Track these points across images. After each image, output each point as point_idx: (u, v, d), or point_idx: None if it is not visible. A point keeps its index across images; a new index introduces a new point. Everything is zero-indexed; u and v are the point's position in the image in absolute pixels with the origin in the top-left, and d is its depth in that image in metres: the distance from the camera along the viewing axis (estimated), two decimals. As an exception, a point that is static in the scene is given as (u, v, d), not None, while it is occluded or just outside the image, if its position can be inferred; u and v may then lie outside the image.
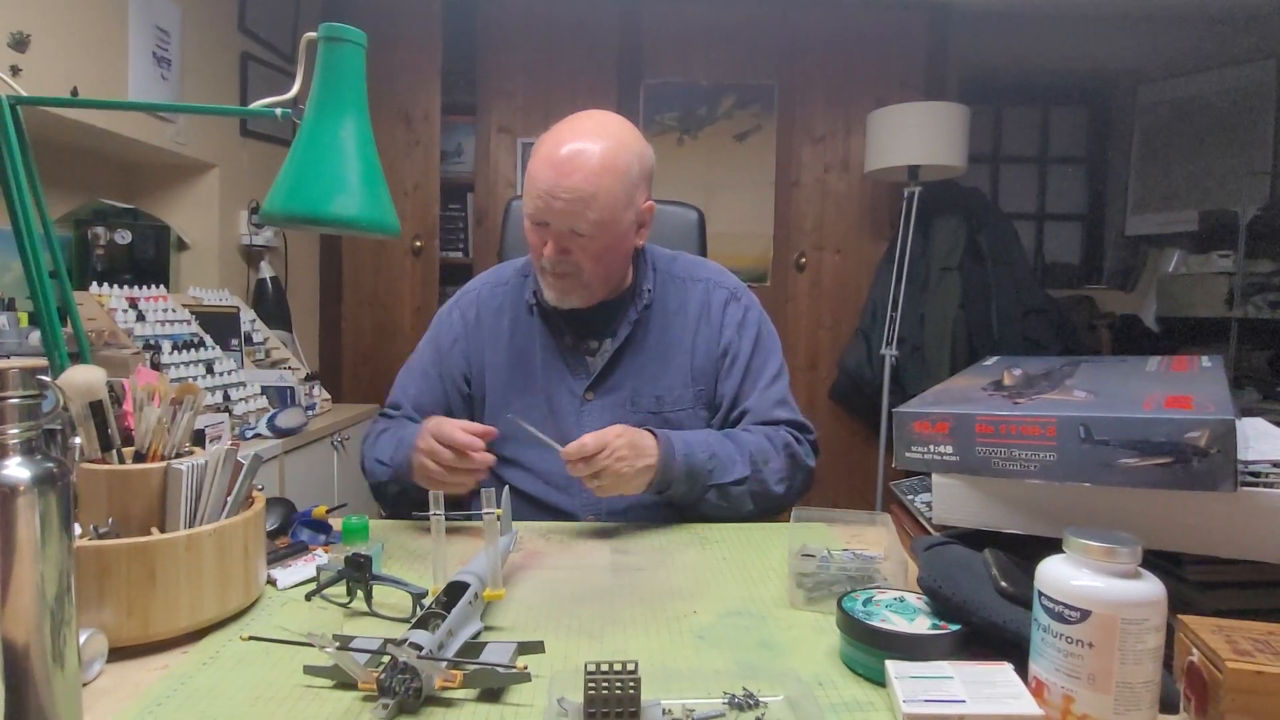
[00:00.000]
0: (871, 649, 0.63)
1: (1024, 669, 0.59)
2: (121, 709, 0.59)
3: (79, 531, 0.70)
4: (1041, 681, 0.56)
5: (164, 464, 0.72)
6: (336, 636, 0.62)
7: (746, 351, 1.24)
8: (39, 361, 0.59)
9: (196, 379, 1.80)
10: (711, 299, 1.27)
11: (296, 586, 0.82)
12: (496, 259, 1.51)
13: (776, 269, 3.11)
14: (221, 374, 1.91)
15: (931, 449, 0.79)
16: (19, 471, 0.48)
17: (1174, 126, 3.63)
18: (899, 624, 0.65)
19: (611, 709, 0.55)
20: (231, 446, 0.74)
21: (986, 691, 0.56)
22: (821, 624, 0.74)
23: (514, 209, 1.67)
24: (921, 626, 0.65)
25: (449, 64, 2.98)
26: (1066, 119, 3.98)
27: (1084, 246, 4.00)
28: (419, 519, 1.09)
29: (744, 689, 0.60)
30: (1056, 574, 0.56)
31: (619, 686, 0.55)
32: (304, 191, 0.81)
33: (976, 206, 3.04)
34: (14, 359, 1.42)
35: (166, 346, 1.80)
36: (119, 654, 0.66)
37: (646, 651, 0.69)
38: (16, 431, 0.49)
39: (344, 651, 0.58)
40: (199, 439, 0.82)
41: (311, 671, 0.62)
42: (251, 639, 0.60)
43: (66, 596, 0.51)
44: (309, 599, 0.77)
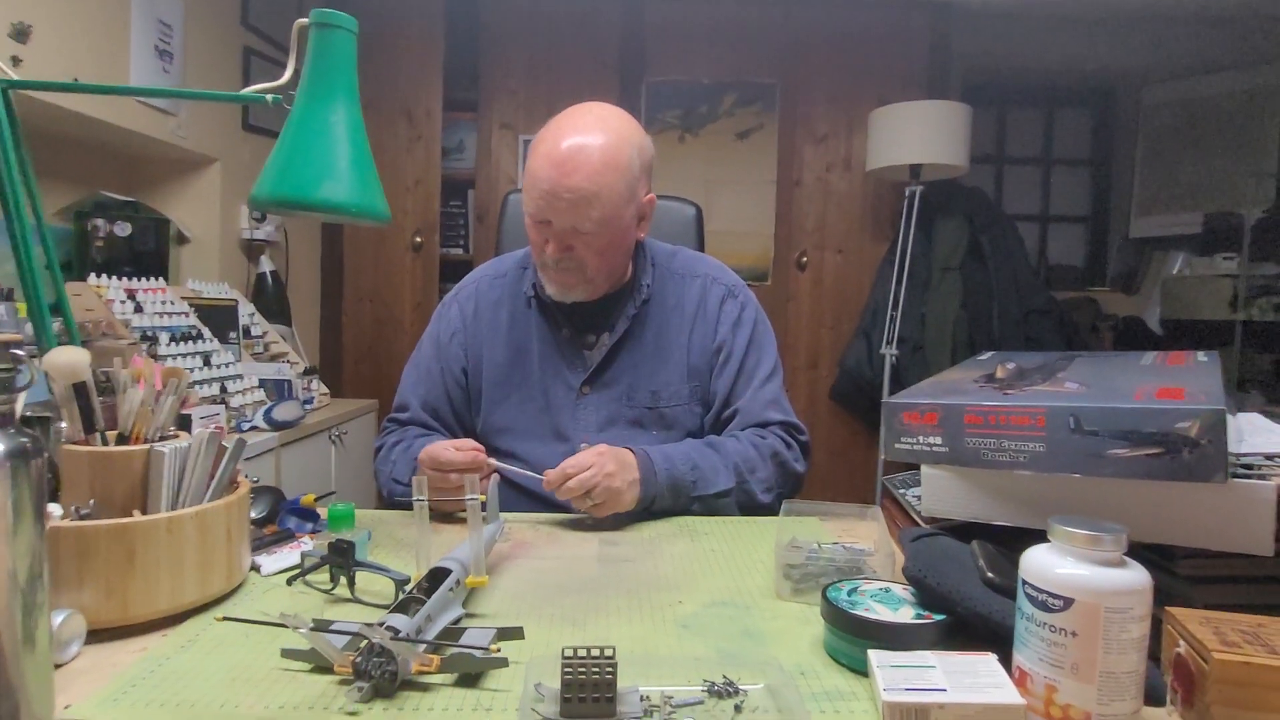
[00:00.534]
0: (855, 638, 0.63)
1: (1009, 659, 0.58)
2: (97, 689, 0.58)
3: (60, 512, 0.70)
4: (1025, 671, 0.56)
5: (146, 446, 0.71)
6: (316, 621, 0.62)
7: (740, 349, 1.24)
8: (13, 335, 0.58)
9: (194, 371, 1.81)
10: (708, 295, 1.26)
11: (281, 573, 0.81)
12: (495, 254, 1.51)
13: (778, 268, 3.10)
14: (219, 366, 1.91)
15: (921, 440, 0.78)
16: (-10, 444, 0.48)
17: (1179, 128, 3.61)
18: (883, 614, 0.64)
19: (588, 694, 0.55)
20: (215, 430, 0.73)
21: (968, 681, 0.55)
22: (807, 614, 0.74)
23: (511, 203, 1.66)
24: (906, 616, 0.64)
25: (451, 60, 2.98)
26: (1071, 120, 3.97)
27: (1088, 248, 3.98)
28: (404, 505, 1.10)
29: (724, 677, 0.60)
30: (1041, 562, 0.55)
31: (596, 672, 0.55)
32: (293, 176, 0.81)
33: (979, 206, 3.02)
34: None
35: (164, 338, 1.80)
36: (98, 635, 0.65)
37: (629, 639, 0.68)
38: (-12, 405, 0.48)
39: (318, 634, 0.57)
40: (186, 425, 0.82)
41: (289, 655, 0.62)
42: (226, 619, 0.59)
43: (39, 578, 0.51)
44: (290, 584, 0.77)
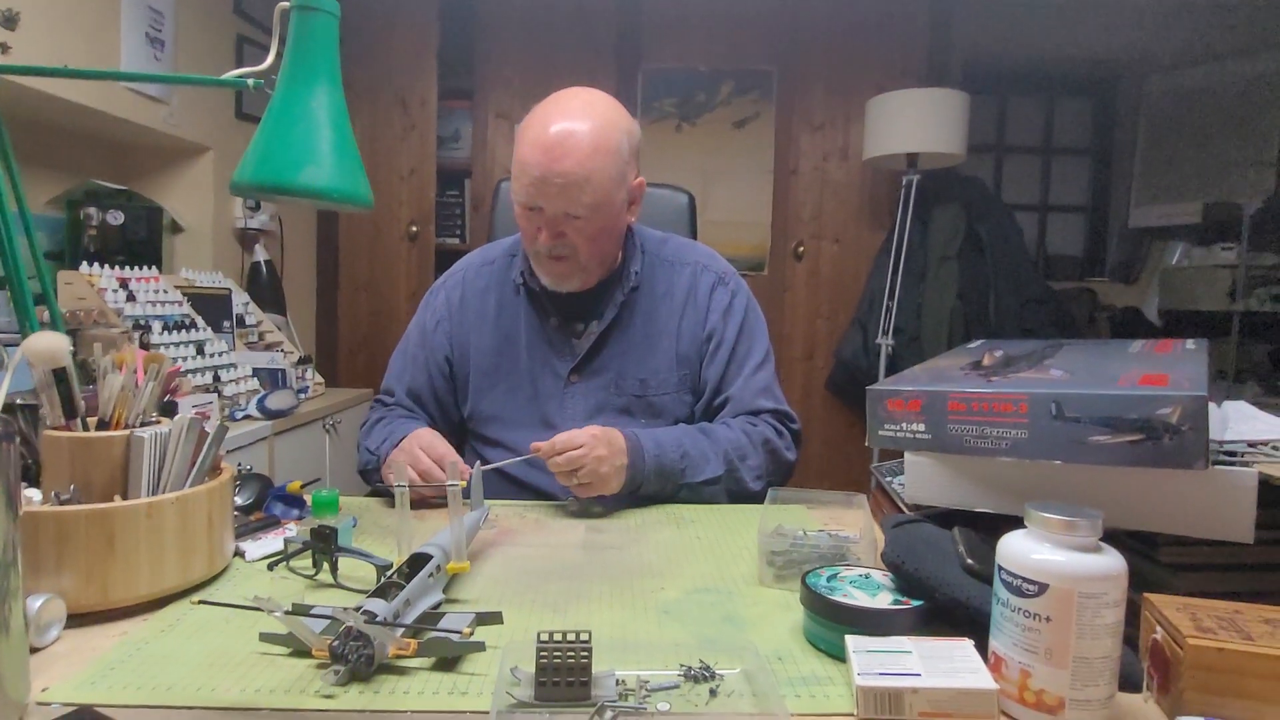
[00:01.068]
0: (832, 624, 0.63)
1: (986, 646, 0.58)
2: (76, 672, 0.58)
3: (40, 498, 0.70)
4: (1000, 656, 0.56)
5: (126, 432, 0.71)
6: (295, 605, 0.62)
7: (731, 337, 1.23)
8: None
9: (187, 359, 1.81)
10: (699, 283, 1.25)
11: (265, 558, 0.81)
12: (488, 242, 1.50)
13: (774, 258, 3.09)
14: (212, 355, 1.91)
15: (904, 427, 0.78)
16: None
17: (1180, 117, 3.59)
18: (861, 599, 0.64)
19: (563, 678, 0.55)
20: (196, 416, 0.73)
21: (943, 666, 0.56)
22: (788, 601, 0.74)
23: (504, 191, 1.66)
24: (884, 602, 0.64)
25: (446, 48, 2.95)
26: (1071, 109, 3.94)
27: (1087, 238, 3.97)
28: (382, 488, 1.10)
29: (701, 662, 0.60)
30: (1016, 548, 0.55)
31: (571, 656, 0.55)
32: (273, 161, 0.80)
33: (976, 196, 3.01)
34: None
35: (157, 327, 1.80)
36: (78, 620, 0.66)
37: (608, 625, 0.68)
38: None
39: (293, 617, 0.57)
40: (169, 412, 0.82)
41: (267, 639, 0.62)
42: (202, 603, 0.60)
43: (11, 564, 0.51)
44: (271, 569, 0.77)
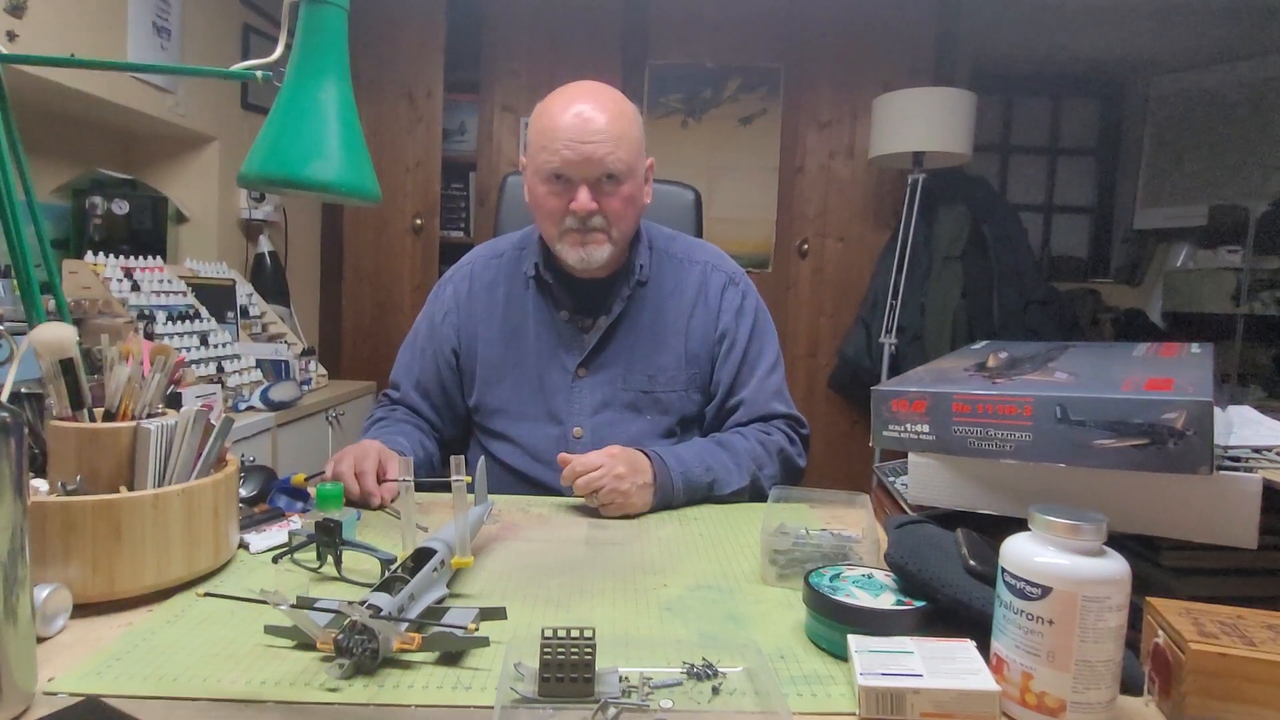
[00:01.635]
0: (835, 623, 0.63)
1: (989, 647, 0.58)
2: (81, 663, 0.59)
3: (47, 488, 0.70)
4: (1002, 658, 0.56)
5: (133, 423, 0.71)
6: (299, 598, 0.62)
7: (744, 339, 1.24)
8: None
9: (191, 350, 1.81)
10: (709, 282, 1.26)
11: (269, 551, 0.82)
12: (494, 236, 1.51)
13: (779, 255, 3.09)
14: (216, 346, 1.91)
15: (908, 428, 0.78)
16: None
17: (1186, 120, 3.58)
18: (864, 599, 0.64)
19: (566, 674, 0.55)
20: (203, 408, 0.73)
21: (945, 667, 0.56)
22: (791, 599, 0.74)
23: (510, 185, 1.65)
24: (886, 602, 0.64)
25: (453, 41, 2.94)
26: (1077, 110, 3.93)
27: (1092, 240, 3.96)
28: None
29: (703, 659, 0.60)
30: (1020, 550, 0.55)
31: (574, 652, 0.55)
32: (281, 154, 0.80)
33: (982, 195, 3.00)
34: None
35: (161, 317, 1.80)
36: (84, 610, 0.66)
37: (611, 621, 0.69)
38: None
39: (298, 610, 0.58)
40: (179, 404, 0.82)
41: (272, 631, 0.63)
42: (208, 595, 0.60)
43: (20, 552, 0.51)
44: (276, 561, 0.77)
